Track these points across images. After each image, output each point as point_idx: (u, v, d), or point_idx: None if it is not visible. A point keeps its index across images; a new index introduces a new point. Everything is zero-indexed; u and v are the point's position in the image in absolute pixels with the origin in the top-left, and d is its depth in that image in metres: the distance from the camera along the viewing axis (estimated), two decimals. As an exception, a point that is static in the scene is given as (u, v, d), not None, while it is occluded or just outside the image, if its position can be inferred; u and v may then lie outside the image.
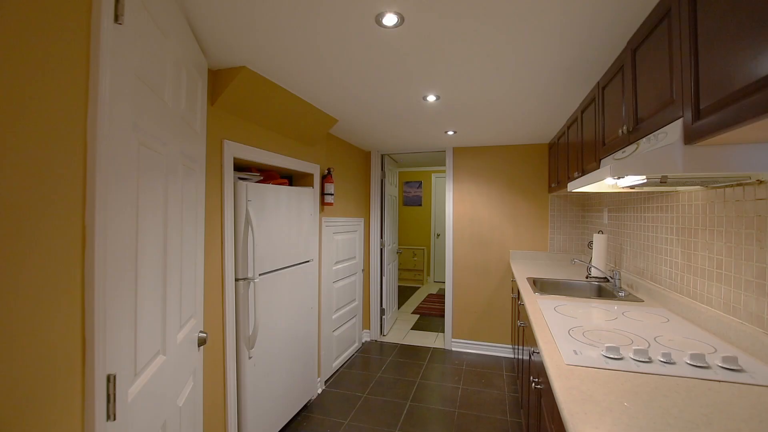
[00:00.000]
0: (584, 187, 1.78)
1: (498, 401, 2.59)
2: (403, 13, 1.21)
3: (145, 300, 0.92)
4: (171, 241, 1.10)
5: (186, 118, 1.25)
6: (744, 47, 0.75)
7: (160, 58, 0.99)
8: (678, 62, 1.01)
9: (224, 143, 1.73)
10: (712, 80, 0.86)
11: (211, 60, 1.57)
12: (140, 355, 0.90)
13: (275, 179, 2.33)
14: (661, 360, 1.09)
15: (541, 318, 1.55)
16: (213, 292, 1.70)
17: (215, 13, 1.22)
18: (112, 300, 0.73)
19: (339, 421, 2.33)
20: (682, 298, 1.56)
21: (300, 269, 2.42)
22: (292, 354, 2.33)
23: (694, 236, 1.50)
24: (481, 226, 3.54)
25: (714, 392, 0.93)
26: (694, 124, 0.94)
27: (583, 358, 1.11)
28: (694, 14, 0.94)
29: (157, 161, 0.99)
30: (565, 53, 1.53)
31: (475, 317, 3.55)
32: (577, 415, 0.82)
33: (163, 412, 1.05)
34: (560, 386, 0.96)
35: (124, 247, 0.79)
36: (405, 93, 2.00)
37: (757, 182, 1.16)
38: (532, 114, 2.43)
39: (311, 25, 1.29)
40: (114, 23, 0.71)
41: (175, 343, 1.15)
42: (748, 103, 0.73)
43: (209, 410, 1.68)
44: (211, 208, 1.68)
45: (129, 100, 0.80)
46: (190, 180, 1.31)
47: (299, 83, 1.84)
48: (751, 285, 1.17)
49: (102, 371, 0.69)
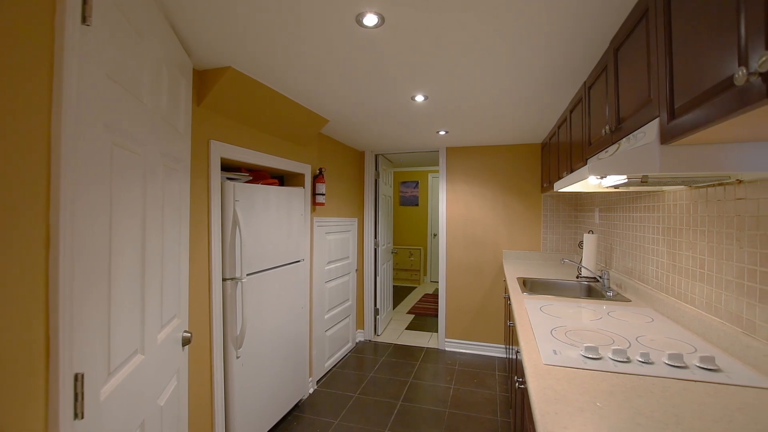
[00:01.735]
0: (570, 187, 1.78)
1: (489, 401, 2.59)
2: (383, 14, 1.21)
3: (121, 301, 0.92)
4: (150, 241, 1.10)
5: (167, 118, 1.25)
6: (712, 47, 0.75)
7: (137, 59, 1.00)
8: (655, 62, 1.01)
9: (211, 143, 1.74)
10: (685, 80, 0.86)
11: (196, 60, 1.57)
12: (114, 354, 0.90)
13: (265, 179, 2.33)
14: (639, 360, 1.09)
15: (526, 318, 1.55)
16: (199, 292, 1.70)
17: (197, 13, 1.22)
18: (80, 301, 0.73)
19: (329, 421, 2.33)
20: (667, 298, 1.56)
21: (290, 269, 2.43)
22: (283, 353, 2.33)
23: (678, 236, 1.50)
24: (475, 227, 3.54)
25: (689, 392, 0.93)
26: (670, 124, 0.94)
27: (562, 358, 1.11)
28: (669, 15, 0.94)
29: (134, 161, 1.00)
30: (551, 51, 1.52)
31: (469, 317, 3.55)
32: (548, 415, 0.82)
33: (142, 411, 1.06)
34: (535, 386, 0.96)
35: (95, 247, 0.79)
36: (393, 93, 2.00)
37: (737, 182, 1.16)
38: (522, 114, 2.43)
39: (293, 25, 1.29)
40: (81, 24, 0.71)
41: (155, 342, 1.15)
42: (716, 102, 0.73)
43: (196, 409, 1.69)
44: (197, 208, 1.68)
45: (100, 100, 0.81)
46: (172, 180, 1.31)
47: (286, 83, 1.84)
48: (731, 285, 1.17)
49: (69, 370, 0.69)
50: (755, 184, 1.09)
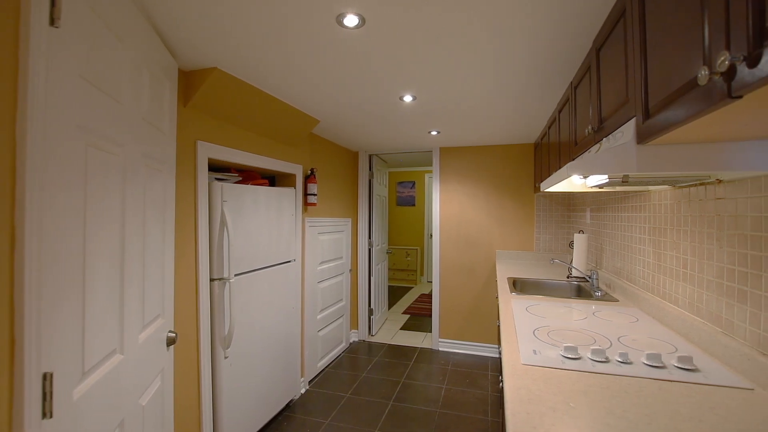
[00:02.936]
0: (557, 187, 1.78)
1: (480, 401, 2.59)
2: (363, 15, 1.21)
3: (96, 301, 0.92)
4: (130, 241, 1.11)
5: (149, 119, 1.25)
6: (680, 47, 0.75)
7: (114, 61, 1.00)
8: (632, 61, 1.02)
9: (198, 144, 1.74)
10: (658, 79, 0.86)
11: (181, 61, 1.57)
12: (90, 354, 0.90)
13: (255, 180, 2.33)
14: (618, 360, 1.09)
15: (511, 318, 1.55)
16: (186, 293, 1.70)
17: (179, 16, 1.23)
18: (50, 302, 0.74)
19: (320, 421, 2.34)
20: (653, 298, 1.56)
21: (281, 269, 2.43)
22: (273, 354, 2.34)
23: (663, 236, 1.50)
24: (469, 227, 3.54)
25: (664, 392, 0.93)
26: (644, 124, 0.94)
27: (541, 358, 1.12)
28: (644, 14, 0.94)
29: (111, 162, 1.00)
30: (537, 51, 1.52)
31: (463, 317, 3.55)
32: (519, 415, 0.82)
33: (121, 410, 1.06)
34: (510, 386, 0.96)
35: (67, 248, 0.80)
36: (380, 93, 2.00)
37: (717, 181, 1.16)
38: (512, 114, 2.43)
39: (275, 26, 1.29)
40: (49, 26, 0.71)
41: (135, 342, 1.16)
42: (683, 102, 0.73)
43: (182, 409, 1.69)
44: (183, 209, 1.68)
45: (73, 102, 0.81)
46: (155, 181, 1.31)
47: (274, 84, 1.84)
48: (712, 284, 1.17)
49: (36, 370, 0.69)
50: (734, 184, 1.08)
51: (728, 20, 0.59)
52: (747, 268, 1.01)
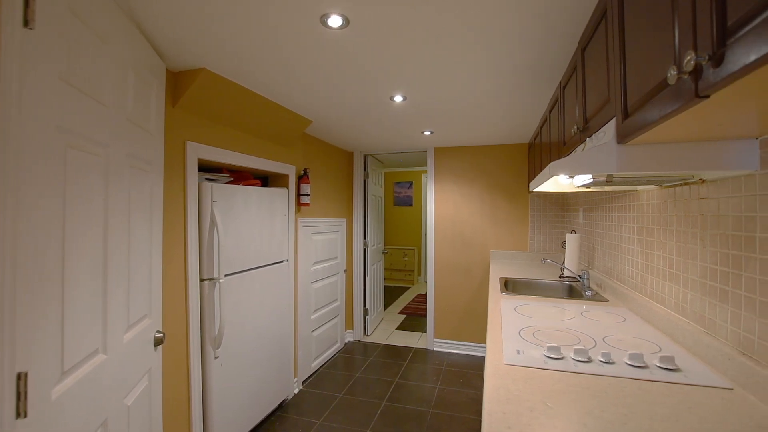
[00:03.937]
0: (545, 186, 1.78)
1: (474, 401, 2.59)
2: (347, 15, 1.21)
3: (76, 302, 0.93)
4: (114, 242, 1.11)
5: (135, 119, 1.25)
6: (654, 47, 0.75)
7: (96, 62, 1.00)
8: (612, 61, 1.02)
9: (187, 144, 1.74)
10: (635, 79, 0.87)
11: (169, 62, 1.58)
12: (70, 354, 0.90)
13: (248, 180, 2.34)
14: (600, 360, 1.09)
15: (498, 318, 1.55)
16: (175, 293, 1.71)
17: (165, 16, 1.23)
18: (24, 303, 0.74)
19: (312, 421, 2.34)
20: (641, 298, 1.56)
21: (273, 269, 2.43)
22: (265, 354, 2.34)
23: (651, 235, 1.50)
24: (464, 227, 3.54)
25: (643, 392, 0.93)
26: (624, 123, 0.94)
27: (524, 358, 1.12)
28: (623, 14, 0.95)
29: (93, 163, 1.00)
30: (526, 50, 1.52)
31: (457, 317, 3.55)
32: (495, 415, 0.82)
33: (104, 410, 1.06)
34: (490, 386, 0.96)
35: (44, 248, 0.80)
36: (370, 94, 2.00)
37: (701, 181, 1.16)
38: (504, 114, 2.43)
39: (262, 27, 1.30)
40: (23, 28, 0.72)
41: (120, 342, 1.16)
42: (656, 102, 0.74)
43: (172, 409, 1.69)
44: (172, 209, 1.69)
45: (50, 103, 0.81)
46: (142, 181, 1.32)
47: (263, 84, 1.85)
48: (696, 284, 1.17)
49: (9, 369, 0.69)
50: (716, 183, 1.08)
51: (695, 20, 0.59)
52: (728, 268, 1.01)
